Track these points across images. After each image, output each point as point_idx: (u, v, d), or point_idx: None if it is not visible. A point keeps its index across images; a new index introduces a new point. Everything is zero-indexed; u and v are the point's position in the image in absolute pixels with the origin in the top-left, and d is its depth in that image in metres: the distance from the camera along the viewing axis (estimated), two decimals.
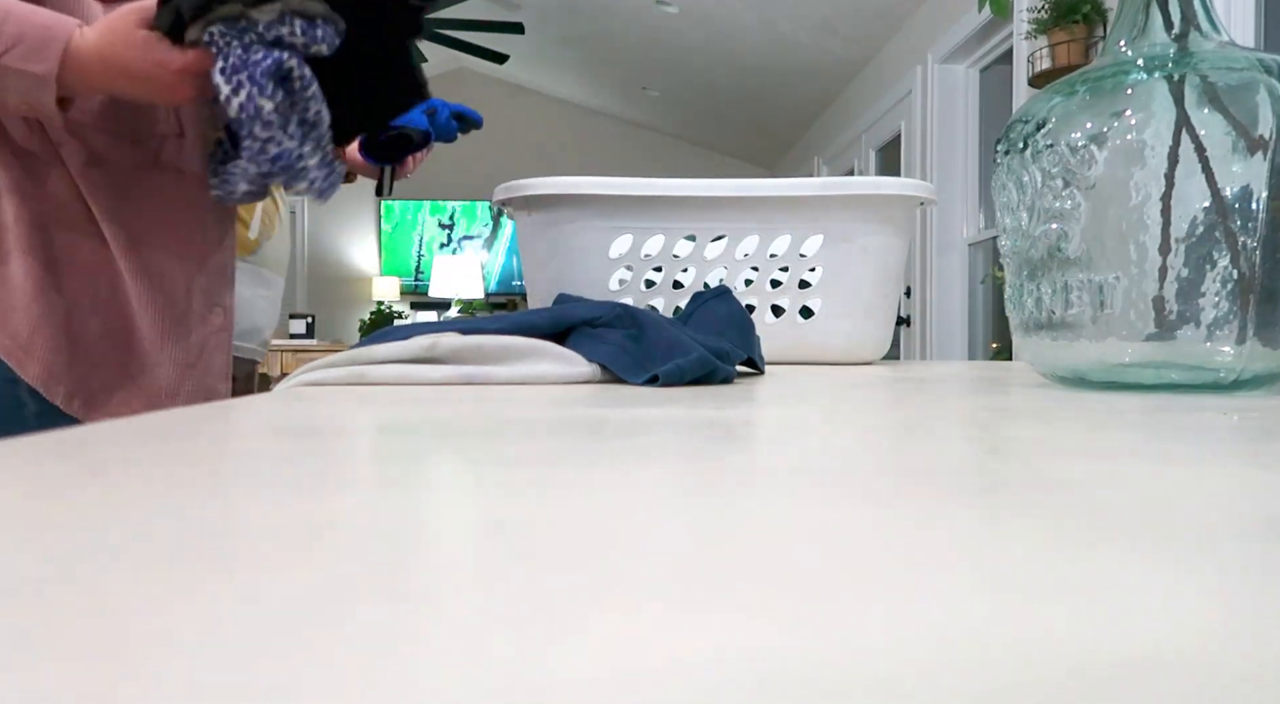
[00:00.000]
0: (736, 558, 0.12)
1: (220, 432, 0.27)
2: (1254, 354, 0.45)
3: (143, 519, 0.14)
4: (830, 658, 0.08)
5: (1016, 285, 0.53)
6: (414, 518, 0.15)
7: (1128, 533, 0.14)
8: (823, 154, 5.32)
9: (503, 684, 0.08)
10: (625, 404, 0.39)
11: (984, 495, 0.17)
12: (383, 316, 5.74)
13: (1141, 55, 0.49)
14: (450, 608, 0.10)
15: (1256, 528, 0.14)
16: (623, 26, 4.88)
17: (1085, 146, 0.48)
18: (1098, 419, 0.33)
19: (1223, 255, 0.45)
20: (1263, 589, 0.11)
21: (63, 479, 0.18)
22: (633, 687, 0.08)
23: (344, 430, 0.28)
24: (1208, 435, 0.28)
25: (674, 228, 0.94)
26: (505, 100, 6.80)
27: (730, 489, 0.18)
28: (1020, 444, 0.25)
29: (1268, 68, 0.46)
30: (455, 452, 0.24)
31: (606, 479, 0.19)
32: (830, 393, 0.47)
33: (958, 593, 0.11)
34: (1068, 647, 0.09)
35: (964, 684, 0.08)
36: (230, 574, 0.11)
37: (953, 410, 0.37)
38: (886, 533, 0.14)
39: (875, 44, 4.22)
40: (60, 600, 0.10)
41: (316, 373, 0.53)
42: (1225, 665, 0.08)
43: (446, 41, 4.77)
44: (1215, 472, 0.20)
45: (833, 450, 0.24)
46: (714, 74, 5.15)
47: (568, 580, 0.11)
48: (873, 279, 0.96)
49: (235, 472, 0.19)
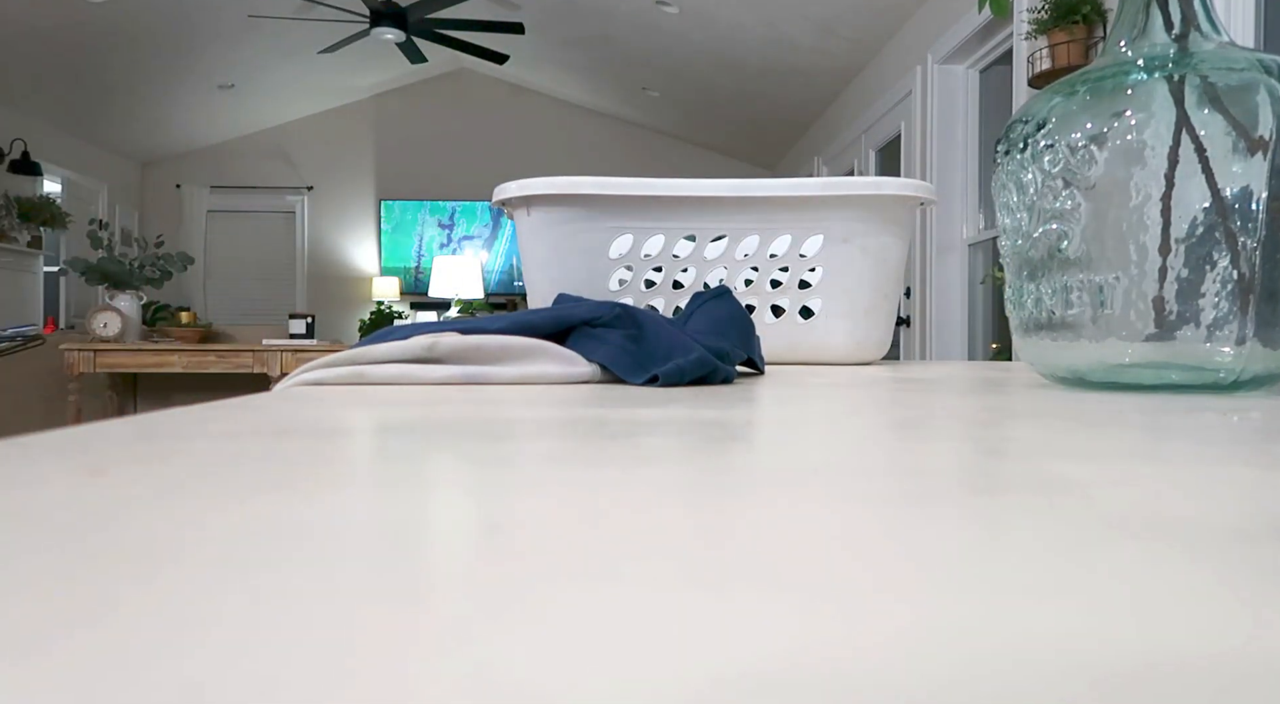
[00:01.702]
0: (738, 558, 0.12)
1: (220, 431, 0.27)
2: (1254, 354, 0.45)
3: (142, 519, 0.14)
4: (829, 658, 0.08)
5: (1016, 286, 0.53)
6: (413, 518, 0.15)
7: (1128, 533, 0.14)
8: (823, 154, 5.32)
9: (503, 685, 0.08)
10: (625, 404, 0.39)
11: (983, 496, 0.17)
12: (382, 316, 5.75)
13: (1141, 55, 0.49)
14: (450, 608, 0.10)
15: (1256, 528, 0.14)
16: (623, 27, 4.88)
17: (1085, 146, 0.48)
18: (1097, 419, 0.33)
19: (1223, 256, 0.45)
20: (1263, 589, 0.11)
21: (63, 479, 0.18)
22: (633, 687, 0.08)
23: (343, 430, 0.28)
24: (1208, 435, 0.28)
25: (674, 228, 0.94)
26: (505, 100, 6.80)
27: (731, 489, 0.18)
28: (1020, 444, 0.25)
29: (1268, 68, 0.46)
30: (454, 452, 0.24)
31: (607, 479, 0.19)
32: (830, 393, 0.47)
33: (957, 593, 0.11)
34: (1067, 647, 0.09)
35: (963, 684, 0.08)
36: (230, 574, 0.11)
37: (952, 411, 0.37)
38: (886, 533, 0.14)
39: (875, 44, 4.22)
40: (60, 600, 0.10)
41: (316, 372, 0.53)
42: (1225, 666, 0.08)
43: (446, 41, 4.76)
44: (1215, 472, 0.20)
45: (833, 451, 0.24)
46: (714, 74, 5.15)
47: (568, 580, 0.11)
48: (873, 279, 0.96)
49: (234, 471, 0.19)
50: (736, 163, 6.89)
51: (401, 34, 4.67)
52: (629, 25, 4.77)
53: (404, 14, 4.58)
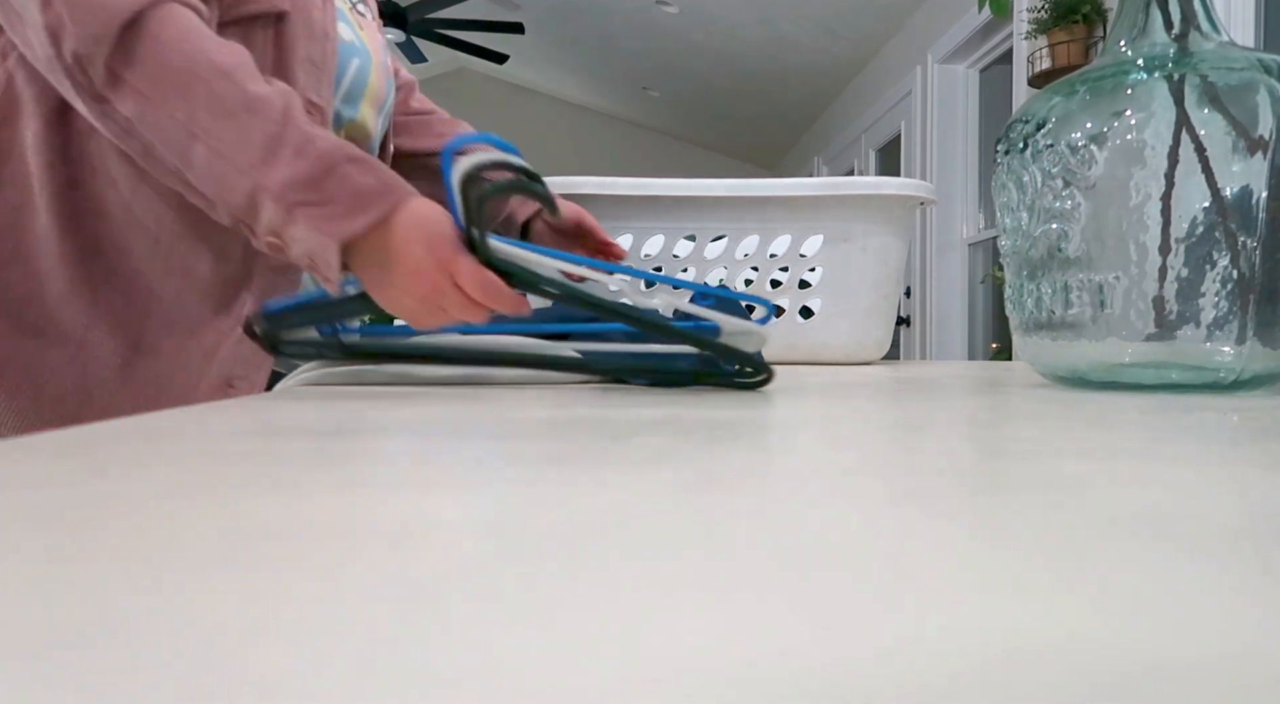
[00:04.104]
0: (738, 558, 0.12)
1: (220, 431, 0.27)
2: (1254, 354, 0.45)
3: (143, 519, 0.14)
4: (830, 657, 0.08)
5: (1016, 285, 0.53)
6: (413, 518, 0.15)
7: (1128, 533, 0.14)
8: (823, 154, 5.32)
9: (505, 686, 0.08)
10: (625, 404, 0.39)
11: (984, 496, 0.17)
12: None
13: (1141, 55, 0.49)
14: (449, 609, 0.10)
15: (1256, 528, 0.14)
16: (623, 27, 4.88)
17: (1085, 146, 0.48)
18: (1098, 419, 0.33)
19: (1223, 255, 0.45)
20: (1263, 589, 0.11)
21: (63, 479, 0.18)
22: (634, 688, 0.08)
23: (343, 430, 0.28)
24: (1208, 435, 0.28)
25: (674, 228, 0.94)
26: (505, 100, 6.80)
27: (732, 489, 0.18)
28: (1020, 444, 0.25)
29: (1268, 68, 0.46)
30: (454, 452, 0.24)
31: (606, 479, 0.19)
32: (830, 393, 0.47)
33: (957, 594, 0.11)
34: (1067, 647, 0.09)
35: (963, 684, 0.08)
36: (230, 574, 0.11)
37: (953, 411, 0.37)
38: (886, 533, 0.14)
39: (875, 44, 4.22)
40: (61, 600, 0.10)
41: (316, 372, 0.53)
42: (1225, 665, 0.08)
43: (446, 41, 4.76)
44: (1215, 472, 0.20)
45: (833, 450, 0.24)
46: (714, 74, 5.16)
47: (568, 580, 0.11)
48: (873, 279, 0.96)
49: (234, 471, 0.19)
50: (736, 163, 6.89)
51: (401, 34, 4.67)
52: (629, 25, 4.77)
53: (404, 14, 4.58)
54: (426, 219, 0.53)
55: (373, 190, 0.53)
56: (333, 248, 0.52)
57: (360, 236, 0.53)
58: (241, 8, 0.63)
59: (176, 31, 0.54)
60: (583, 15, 4.88)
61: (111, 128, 0.55)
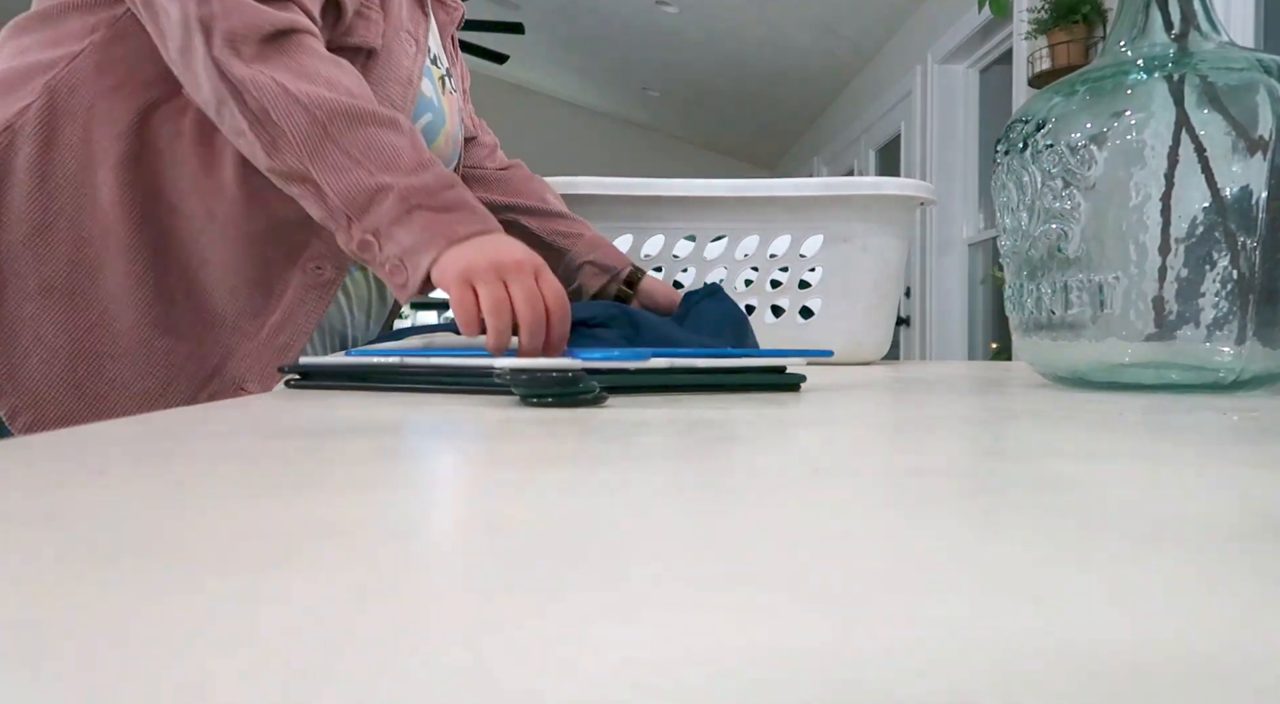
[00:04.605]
0: (738, 558, 0.12)
1: (219, 431, 0.27)
2: (1254, 354, 0.45)
3: (143, 519, 0.14)
4: (829, 658, 0.08)
5: (1016, 285, 0.53)
6: (413, 518, 0.15)
7: (1128, 533, 0.14)
8: (823, 154, 5.32)
9: (505, 686, 0.08)
10: (625, 404, 0.39)
11: (984, 496, 0.17)
12: None
13: (1141, 55, 0.49)
14: (449, 609, 0.10)
15: (1256, 528, 0.14)
16: (623, 27, 4.88)
17: (1085, 146, 0.48)
18: (1097, 419, 0.33)
19: (1222, 255, 0.45)
20: (1262, 589, 0.11)
21: (63, 479, 0.18)
22: (634, 688, 0.08)
23: (341, 430, 0.28)
24: (1208, 435, 0.28)
25: (674, 228, 0.94)
26: (505, 100, 6.79)
27: (731, 489, 0.18)
28: (1020, 444, 0.25)
29: (1267, 68, 0.46)
30: (453, 452, 0.24)
31: (606, 479, 0.19)
32: (830, 393, 0.47)
33: (956, 594, 0.11)
34: (1067, 648, 0.09)
35: (962, 683, 0.08)
36: (231, 574, 0.11)
37: (953, 411, 0.37)
38: (886, 532, 0.14)
39: (875, 44, 4.22)
40: (61, 600, 0.10)
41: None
42: (1225, 665, 0.08)
43: None
44: (1215, 472, 0.20)
45: (833, 450, 0.24)
46: (714, 74, 5.15)
47: (568, 580, 0.11)
48: (873, 279, 0.96)
49: (234, 471, 0.19)
50: (736, 163, 6.89)
51: None
52: (629, 25, 4.77)
53: None
54: (522, 244, 0.60)
55: (480, 209, 0.60)
56: (438, 245, 0.57)
57: (463, 240, 0.58)
58: (341, 39, 0.67)
59: (314, 48, 0.61)
60: (583, 15, 4.88)
61: (245, 113, 0.58)
